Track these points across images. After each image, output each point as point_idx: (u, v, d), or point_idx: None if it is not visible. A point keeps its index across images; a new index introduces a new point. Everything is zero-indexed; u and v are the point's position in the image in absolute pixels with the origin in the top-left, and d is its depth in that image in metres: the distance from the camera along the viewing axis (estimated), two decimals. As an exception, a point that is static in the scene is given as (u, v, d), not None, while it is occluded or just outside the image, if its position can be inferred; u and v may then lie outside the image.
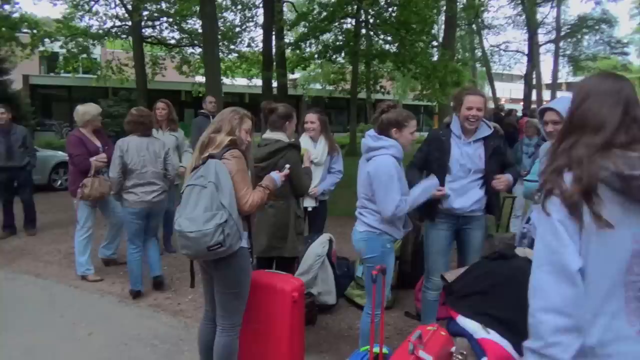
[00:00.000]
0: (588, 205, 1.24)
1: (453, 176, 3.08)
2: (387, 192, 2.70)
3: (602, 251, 1.26)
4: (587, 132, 1.32)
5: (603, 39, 24.82)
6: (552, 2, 22.25)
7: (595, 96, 1.37)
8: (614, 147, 1.27)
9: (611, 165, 1.22)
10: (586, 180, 1.24)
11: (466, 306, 2.09)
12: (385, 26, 12.23)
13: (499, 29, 24.52)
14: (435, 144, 3.17)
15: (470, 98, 3.02)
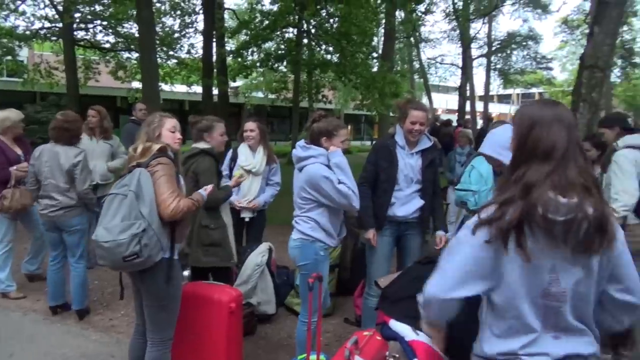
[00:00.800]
0: (516, 235, 1.36)
1: (398, 186, 3.24)
2: (333, 190, 2.75)
3: (519, 276, 1.39)
4: (537, 160, 1.41)
5: (530, 54, 26.54)
6: (483, 18, 23.50)
7: (541, 124, 1.44)
8: (559, 176, 1.37)
9: (540, 208, 1.33)
10: (525, 212, 1.34)
11: (398, 310, 2.14)
12: (326, 37, 12.40)
13: (435, 42, 25.65)
14: (383, 153, 3.27)
15: (414, 113, 3.15)
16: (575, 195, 1.35)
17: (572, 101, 5.37)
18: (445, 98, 33.82)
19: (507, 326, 1.45)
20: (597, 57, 5.27)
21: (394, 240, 3.36)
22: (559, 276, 1.39)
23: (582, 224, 1.34)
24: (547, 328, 1.43)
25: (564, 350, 1.42)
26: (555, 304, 1.41)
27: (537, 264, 1.38)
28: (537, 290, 1.40)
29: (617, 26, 6.04)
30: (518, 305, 1.41)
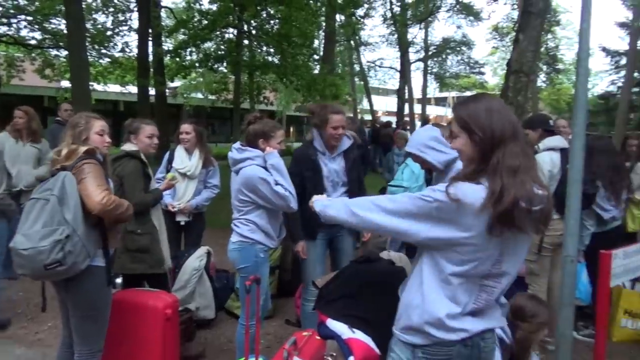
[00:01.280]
0: (515, 215, 1.40)
1: (326, 192, 3.13)
2: (271, 191, 2.74)
3: (481, 251, 1.47)
4: (509, 142, 1.48)
5: (464, 59, 27.75)
6: (420, 24, 24.29)
7: (496, 111, 1.52)
8: (529, 154, 1.50)
9: (522, 198, 1.39)
10: (517, 199, 1.39)
11: (335, 309, 2.17)
12: (267, 38, 12.34)
13: (374, 46, 26.24)
14: (305, 163, 3.18)
15: (335, 117, 3.10)
16: (544, 186, 1.48)
17: (500, 104, 5.67)
18: (385, 100, 34.63)
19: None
20: (522, 63, 5.61)
21: (326, 242, 3.34)
22: (502, 259, 1.50)
23: (549, 213, 1.49)
24: (477, 308, 1.55)
25: (482, 327, 1.55)
26: (491, 283, 1.52)
27: (493, 247, 1.47)
28: (484, 270, 1.50)
29: (540, 34, 6.46)
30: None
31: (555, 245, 3.60)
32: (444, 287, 1.51)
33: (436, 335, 1.52)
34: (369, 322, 2.08)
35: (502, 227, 1.40)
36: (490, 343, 1.62)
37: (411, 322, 1.56)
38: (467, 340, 1.53)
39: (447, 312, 1.50)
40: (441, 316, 1.50)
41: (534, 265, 3.67)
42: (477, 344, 1.56)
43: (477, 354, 1.57)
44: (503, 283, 1.54)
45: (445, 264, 1.50)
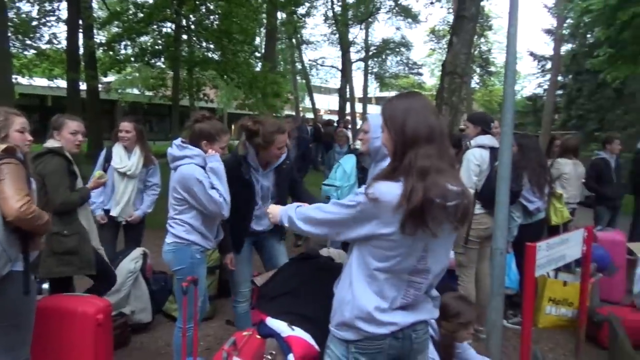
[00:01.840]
0: (427, 214, 1.46)
1: (257, 206, 3.09)
2: (204, 194, 2.65)
3: (402, 248, 1.52)
4: (423, 142, 1.51)
5: (403, 60, 28.49)
6: (361, 24, 24.70)
7: (414, 112, 1.56)
8: (443, 159, 1.51)
9: (434, 194, 1.45)
10: (427, 197, 1.44)
11: (274, 307, 2.16)
12: (206, 34, 12.07)
13: (316, 45, 26.36)
14: (237, 179, 2.94)
15: (281, 138, 2.91)
16: (459, 182, 1.52)
17: (436, 104, 5.88)
18: (327, 99, 34.93)
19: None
20: (456, 65, 5.86)
21: (250, 243, 3.24)
22: (427, 255, 1.55)
23: (463, 208, 1.52)
24: (407, 303, 1.60)
25: (412, 319, 1.60)
26: (418, 280, 1.57)
27: (415, 243, 1.51)
28: (408, 268, 1.55)
29: (473, 38, 6.75)
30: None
31: (481, 238, 3.79)
32: (371, 283, 1.56)
33: (367, 330, 1.56)
34: (309, 319, 2.08)
35: (413, 225, 1.45)
36: (422, 335, 1.67)
37: (343, 318, 1.60)
38: (398, 333, 1.58)
39: (376, 306, 1.55)
40: (370, 310, 1.54)
41: (462, 257, 3.84)
42: (408, 336, 1.61)
43: (409, 346, 1.62)
44: (429, 278, 1.60)
45: (371, 260, 1.55)
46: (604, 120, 19.32)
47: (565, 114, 21.99)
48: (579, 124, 20.51)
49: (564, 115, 22.04)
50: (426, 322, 1.71)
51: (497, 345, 3.28)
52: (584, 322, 3.79)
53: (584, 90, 20.61)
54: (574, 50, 21.07)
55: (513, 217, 4.19)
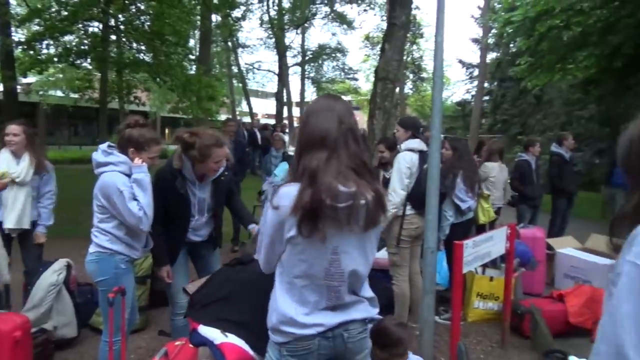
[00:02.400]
0: (318, 216, 1.49)
1: (193, 218, 3.00)
2: (124, 205, 2.52)
3: (309, 251, 1.55)
4: (316, 147, 1.54)
5: (339, 65, 28.89)
6: (297, 29, 24.82)
7: (315, 113, 1.60)
8: (336, 162, 1.52)
9: (324, 195, 1.47)
10: (316, 198, 1.47)
11: (207, 315, 2.11)
12: (137, 34, 11.61)
13: (252, 48, 26.12)
14: (172, 192, 2.84)
15: (219, 152, 2.82)
16: (354, 183, 1.53)
17: (370, 109, 6.01)
18: (264, 103, 34.75)
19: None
20: (388, 71, 6.01)
21: (187, 254, 3.17)
22: (340, 257, 1.57)
23: (360, 208, 1.54)
24: (331, 304, 1.62)
25: (339, 319, 1.62)
26: (335, 283, 1.59)
27: (322, 246, 1.54)
28: (320, 271, 1.57)
29: (404, 45, 6.97)
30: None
31: (412, 237, 3.93)
32: (290, 290, 1.60)
33: (292, 332, 1.58)
34: (243, 325, 2.05)
35: (307, 227, 1.49)
36: (356, 334, 1.69)
37: (272, 324, 1.63)
38: (327, 333, 1.61)
39: (297, 311, 1.58)
40: (292, 315, 1.57)
41: (396, 257, 3.96)
42: (339, 335, 1.63)
43: (343, 345, 1.65)
44: (346, 280, 1.61)
45: (287, 266, 1.60)
46: (525, 125, 20.67)
47: (491, 118, 23.32)
48: (504, 128, 21.81)
49: (490, 120, 23.36)
50: (363, 321, 1.72)
51: (429, 341, 3.41)
52: (508, 314, 4.02)
53: (508, 97, 21.97)
54: (499, 59, 22.42)
55: (446, 217, 4.39)
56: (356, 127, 1.65)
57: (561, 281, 5.38)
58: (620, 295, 1.01)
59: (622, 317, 0.99)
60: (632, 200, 1.21)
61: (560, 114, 18.52)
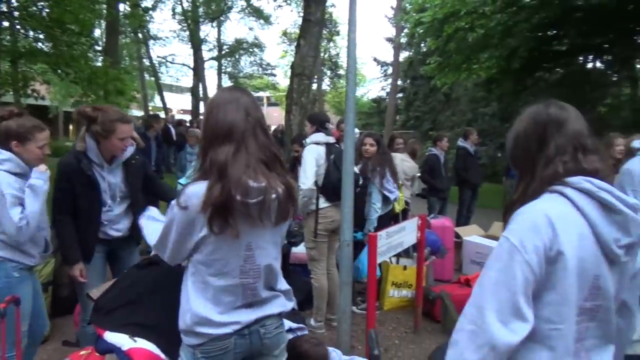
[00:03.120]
0: (229, 212, 1.45)
1: (106, 207, 2.79)
2: (2, 210, 2.30)
3: (222, 249, 1.52)
4: (221, 141, 1.48)
5: (256, 60, 28.59)
6: (212, 22, 24.18)
7: (219, 106, 1.54)
8: (245, 155, 1.49)
9: (234, 191, 1.44)
10: (226, 193, 1.43)
11: (113, 320, 1.99)
12: (33, 22, 10.66)
13: (165, 41, 25.00)
14: (78, 178, 2.65)
15: (123, 128, 2.68)
16: (264, 178, 1.50)
17: (287, 104, 6.02)
18: (179, 98, 33.52)
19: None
20: (304, 67, 6.05)
21: (105, 255, 2.95)
22: (254, 253, 1.55)
23: (271, 203, 1.52)
24: (246, 302, 1.60)
25: (255, 315, 1.61)
26: (250, 280, 1.57)
27: (236, 243, 1.52)
28: (234, 269, 1.54)
29: (319, 41, 7.06)
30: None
31: (329, 231, 3.99)
32: (205, 290, 1.55)
33: (207, 332, 1.54)
34: (153, 328, 1.96)
35: (218, 224, 1.46)
36: (272, 329, 1.67)
37: (185, 325, 1.57)
38: (243, 330, 1.58)
39: (212, 311, 1.54)
40: (206, 315, 1.53)
41: (313, 251, 4.00)
42: (255, 331, 1.61)
43: (259, 342, 1.63)
44: (262, 275, 1.61)
45: (200, 267, 1.55)
46: (436, 121, 21.86)
47: (405, 115, 24.37)
48: (416, 124, 22.91)
49: (404, 116, 24.41)
50: (279, 316, 1.72)
51: (346, 331, 3.48)
52: (420, 301, 4.22)
53: (420, 94, 23.08)
54: (411, 58, 23.47)
55: (375, 209, 4.52)
56: (263, 120, 1.62)
57: (468, 267, 5.75)
58: (489, 263, 1.18)
59: (486, 282, 1.17)
60: (519, 189, 1.34)
61: (467, 111, 19.80)
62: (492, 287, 1.17)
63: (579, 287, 1.17)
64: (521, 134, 1.36)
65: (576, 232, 1.17)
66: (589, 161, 1.24)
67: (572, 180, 1.21)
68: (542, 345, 1.18)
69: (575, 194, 1.20)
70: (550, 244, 1.14)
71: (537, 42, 11.42)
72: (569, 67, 14.17)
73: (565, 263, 1.14)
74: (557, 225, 1.15)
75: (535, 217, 1.17)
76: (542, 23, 10.48)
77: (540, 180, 1.26)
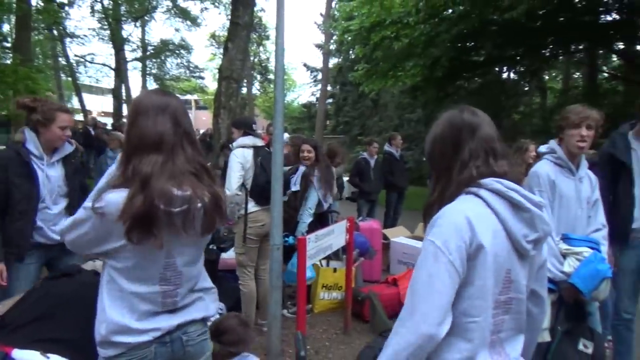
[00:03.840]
0: (153, 222, 1.40)
1: (44, 204, 2.67)
2: None
3: (140, 257, 1.47)
4: (148, 151, 1.42)
5: (183, 63, 27.77)
6: (136, 21, 23.18)
7: (146, 113, 1.47)
8: (171, 166, 1.44)
9: (158, 201, 1.39)
10: (149, 204, 1.38)
11: (22, 336, 1.84)
12: None
13: (84, 39, 23.58)
14: (14, 168, 2.58)
15: (64, 116, 2.67)
16: (189, 187, 1.45)
17: (215, 107, 5.91)
18: (100, 100, 31.82)
19: None
20: (232, 70, 5.97)
21: (40, 265, 2.79)
22: (176, 260, 1.50)
23: (196, 212, 1.47)
24: (167, 309, 1.54)
25: (177, 321, 1.55)
26: (171, 287, 1.52)
27: (156, 251, 1.46)
28: (154, 277, 1.49)
29: (247, 45, 7.00)
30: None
31: (259, 235, 3.94)
32: (122, 298, 1.48)
33: (126, 341, 1.47)
34: (67, 343, 1.83)
35: (139, 234, 1.40)
36: (195, 336, 1.62)
37: (101, 336, 1.48)
38: (164, 337, 1.53)
39: (131, 318, 1.47)
40: (125, 323, 1.46)
41: (243, 257, 3.93)
42: (177, 339, 1.56)
43: (181, 349, 1.58)
44: (183, 282, 1.55)
45: (116, 275, 1.48)
46: (365, 126, 22.41)
47: (334, 120, 24.78)
48: (346, 129, 23.36)
49: (334, 121, 24.82)
50: (202, 321, 1.66)
51: (277, 335, 3.46)
52: (350, 302, 4.29)
53: (349, 100, 23.57)
54: (340, 64, 23.91)
55: (309, 213, 4.52)
56: (191, 128, 1.57)
57: (396, 267, 5.93)
58: (418, 265, 1.26)
59: (416, 283, 1.25)
60: (436, 190, 1.41)
61: (394, 117, 20.49)
62: (422, 289, 1.24)
63: (495, 281, 1.25)
64: (438, 138, 1.43)
65: (491, 230, 1.25)
66: (499, 165, 1.34)
67: (485, 182, 1.30)
68: (460, 338, 1.25)
69: (488, 195, 1.29)
70: (470, 242, 1.23)
71: (457, 52, 12.06)
72: (486, 76, 15.14)
73: (484, 259, 1.23)
74: (475, 225, 1.24)
75: (455, 219, 1.25)
76: (461, 34, 11.08)
77: (457, 184, 1.34)
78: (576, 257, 2.51)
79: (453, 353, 1.25)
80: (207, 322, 1.70)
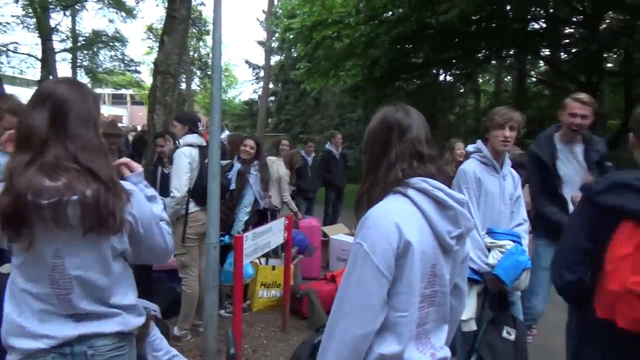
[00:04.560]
0: (20, 216, 1.31)
1: None
2: None
3: (28, 261, 1.38)
4: (20, 143, 1.37)
5: (118, 55, 26.55)
6: (65, 10, 21.91)
7: (29, 104, 1.40)
8: (41, 161, 1.34)
9: (25, 193, 1.30)
10: (15, 199, 1.29)
11: None
12: None
13: (6, 27, 21.99)
14: None
15: (12, 119, 2.41)
16: (64, 178, 1.34)
17: (150, 103, 5.69)
18: (25, 92, 29.84)
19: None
20: (168, 65, 5.76)
21: None
22: (64, 262, 1.39)
23: (70, 205, 1.34)
24: (66, 313, 1.43)
25: (78, 332, 1.42)
26: (62, 291, 1.40)
27: (40, 250, 1.37)
28: (44, 278, 1.39)
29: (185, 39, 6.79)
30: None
31: (199, 235, 3.86)
32: (21, 296, 1.41)
33: (19, 347, 1.38)
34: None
35: (11, 232, 1.32)
36: (104, 351, 1.46)
37: (2, 338, 1.40)
38: (63, 348, 1.40)
39: (25, 317, 1.39)
40: (19, 322, 1.38)
41: (185, 257, 3.83)
42: (81, 353, 1.43)
43: None
44: (76, 288, 1.40)
45: (15, 271, 1.42)
46: (306, 124, 22.47)
47: (276, 118, 24.67)
48: (288, 127, 23.32)
49: (275, 119, 24.71)
50: (116, 335, 1.48)
51: (213, 335, 3.41)
52: (288, 299, 4.30)
53: (291, 98, 23.54)
54: (282, 62, 23.81)
55: (246, 211, 4.47)
56: (85, 122, 1.42)
57: (335, 264, 6.01)
58: (348, 266, 1.31)
59: (347, 285, 1.29)
60: (365, 183, 1.45)
61: (335, 116, 20.71)
62: (352, 292, 1.29)
63: (421, 276, 1.31)
64: (371, 133, 1.48)
65: (417, 228, 1.30)
66: (425, 168, 1.39)
67: (412, 181, 1.36)
68: (390, 332, 1.30)
69: (415, 194, 1.34)
70: (397, 242, 1.27)
71: (396, 54, 12.38)
72: (423, 78, 15.64)
73: (412, 256, 1.27)
74: (402, 224, 1.28)
75: (382, 222, 1.29)
76: (400, 36, 11.38)
77: (384, 185, 1.38)
78: (500, 249, 2.66)
79: (384, 346, 1.29)
80: (128, 336, 1.54)
